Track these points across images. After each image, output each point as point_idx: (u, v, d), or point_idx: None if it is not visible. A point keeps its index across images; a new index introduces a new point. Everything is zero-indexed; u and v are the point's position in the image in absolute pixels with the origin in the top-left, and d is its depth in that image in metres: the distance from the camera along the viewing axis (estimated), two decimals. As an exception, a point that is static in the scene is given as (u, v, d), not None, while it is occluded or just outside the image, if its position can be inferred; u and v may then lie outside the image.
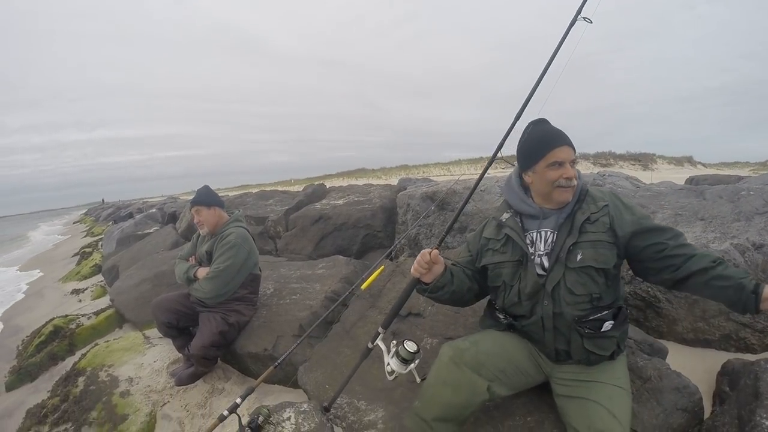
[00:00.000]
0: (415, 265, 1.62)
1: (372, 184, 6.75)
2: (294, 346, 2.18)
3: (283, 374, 2.43)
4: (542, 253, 1.49)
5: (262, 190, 8.19)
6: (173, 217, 9.13)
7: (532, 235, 1.53)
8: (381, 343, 1.73)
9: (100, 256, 8.62)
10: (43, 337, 3.82)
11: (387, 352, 1.65)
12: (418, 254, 1.63)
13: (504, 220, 1.61)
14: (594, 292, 1.42)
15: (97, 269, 7.32)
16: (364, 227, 4.70)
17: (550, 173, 1.46)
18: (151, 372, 2.91)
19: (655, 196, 3.27)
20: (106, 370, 2.93)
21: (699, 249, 1.40)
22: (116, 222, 14.40)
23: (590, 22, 1.75)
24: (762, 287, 1.22)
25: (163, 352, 3.14)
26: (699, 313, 2.20)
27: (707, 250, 2.14)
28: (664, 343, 2.00)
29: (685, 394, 1.57)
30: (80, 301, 5.76)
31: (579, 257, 1.41)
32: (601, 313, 1.44)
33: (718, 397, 1.79)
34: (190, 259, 2.96)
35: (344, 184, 8.36)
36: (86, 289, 6.24)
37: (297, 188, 10.06)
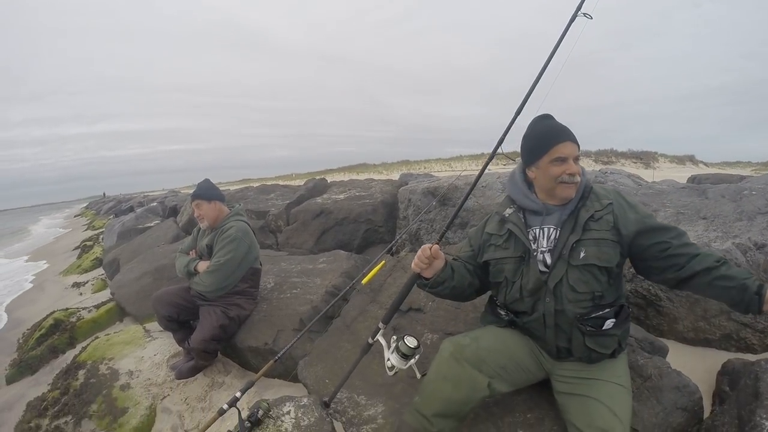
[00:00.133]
0: (415, 260, 1.62)
1: (373, 179, 6.73)
2: (294, 340, 2.18)
3: (283, 368, 2.43)
4: (545, 250, 1.49)
5: (263, 184, 8.18)
6: (174, 211, 9.13)
7: (535, 232, 1.52)
8: (381, 339, 1.72)
9: (101, 249, 8.61)
10: (43, 330, 3.82)
11: (387, 348, 1.64)
12: (419, 249, 1.63)
13: (507, 216, 1.60)
14: (596, 290, 1.41)
15: (98, 263, 7.31)
16: (365, 222, 4.69)
17: (553, 169, 1.45)
18: (152, 365, 2.92)
19: (657, 194, 3.26)
20: (107, 364, 2.93)
21: (702, 248, 1.39)
22: (117, 215, 14.41)
23: (590, 18, 1.74)
24: (765, 288, 1.22)
25: (163, 346, 3.15)
26: (700, 313, 2.20)
27: (710, 249, 2.13)
28: (664, 341, 1.99)
29: (685, 393, 1.57)
30: (81, 294, 5.76)
31: (582, 255, 1.41)
32: (602, 311, 1.43)
33: (718, 397, 1.79)
34: (191, 252, 2.95)
35: (345, 179, 8.34)
36: (87, 282, 6.23)
37: (298, 182, 10.03)
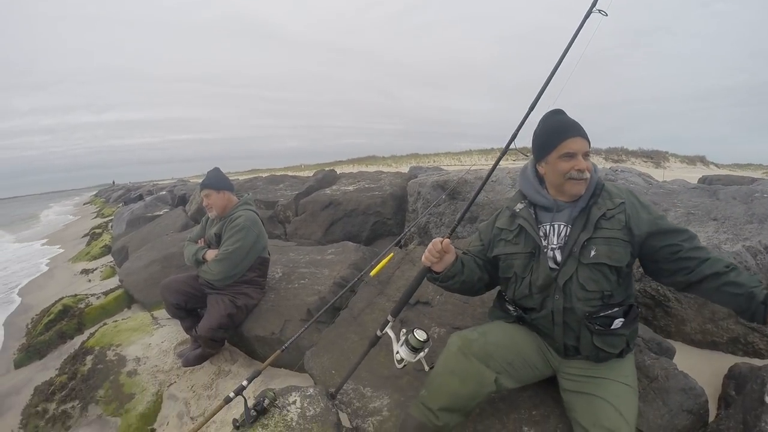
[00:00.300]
0: (426, 254, 1.62)
1: (383, 172, 6.71)
2: (301, 330, 2.20)
3: (290, 358, 2.45)
4: (555, 247, 1.48)
5: (272, 174, 8.19)
6: (183, 200, 9.19)
7: (545, 228, 1.52)
8: (390, 331, 1.72)
9: (110, 237, 8.69)
10: (52, 316, 3.87)
11: (396, 341, 1.65)
12: (430, 243, 1.62)
13: (518, 211, 1.59)
14: (606, 289, 1.41)
15: (107, 250, 7.38)
16: (374, 214, 4.68)
17: (562, 164, 1.44)
18: (159, 352, 2.95)
19: (668, 194, 3.22)
20: (114, 350, 2.97)
21: (713, 252, 1.38)
22: (126, 203, 14.51)
23: (605, 15, 1.72)
24: None
25: (170, 333, 3.18)
26: (708, 315, 2.18)
27: (720, 254, 2.11)
28: (671, 342, 1.98)
29: (691, 396, 1.56)
30: (89, 281, 5.82)
31: (593, 253, 1.40)
32: (611, 310, 1.43)
33: (724, 401, 1.78)
34: (199, 241, 2.98)
35: (355, 171, 8.33)
36: (96, 269, 6.30)
37: (307, 173, 10.04)
